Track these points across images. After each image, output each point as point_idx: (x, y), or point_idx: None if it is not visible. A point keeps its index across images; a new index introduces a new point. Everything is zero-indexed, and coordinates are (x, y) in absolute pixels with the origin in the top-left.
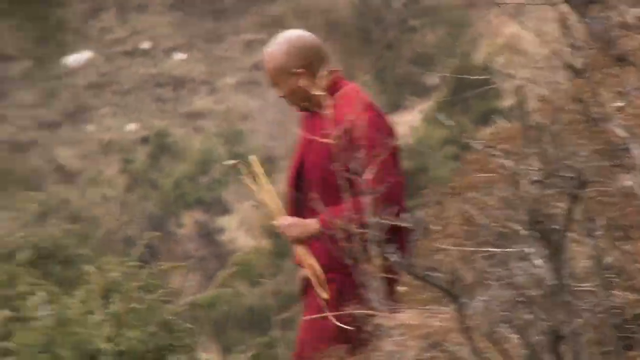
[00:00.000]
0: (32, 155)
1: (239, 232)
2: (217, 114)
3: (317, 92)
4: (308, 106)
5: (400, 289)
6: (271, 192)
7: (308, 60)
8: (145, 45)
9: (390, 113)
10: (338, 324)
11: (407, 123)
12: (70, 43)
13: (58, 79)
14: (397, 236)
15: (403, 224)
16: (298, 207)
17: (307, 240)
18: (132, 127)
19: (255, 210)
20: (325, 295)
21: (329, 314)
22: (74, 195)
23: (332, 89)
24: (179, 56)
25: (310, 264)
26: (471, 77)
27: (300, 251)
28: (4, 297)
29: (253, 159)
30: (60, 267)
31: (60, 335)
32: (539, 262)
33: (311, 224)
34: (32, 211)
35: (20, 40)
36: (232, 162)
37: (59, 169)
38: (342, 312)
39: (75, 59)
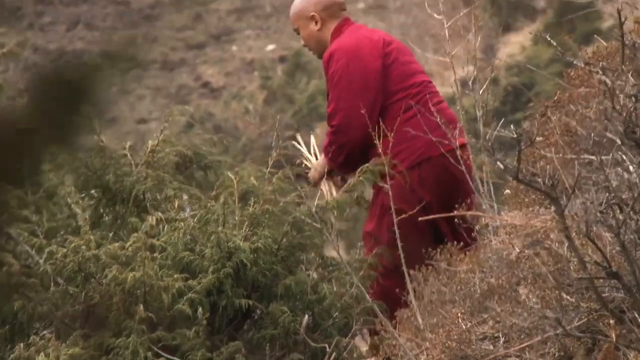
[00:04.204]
0: (181, 73)
1: None
2: None
3: (325, 35)
4: (323, 52)
5: (507, 192)
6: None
7: (320, 6)
8: None
9: (503, 34)
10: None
11: (517, 43)
12: None
13: (205, 4)
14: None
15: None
16: None
17: (329, 177)
18: (271, 47)
19: None
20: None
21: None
22: (217, 108)
23: (336, 33)
24: None
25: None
26: (575, 1)
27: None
28: (152, 200)
29: (299, 140)
30: (203, 173)
31: (202, 234)
32: (632, 168)
33: (323, 161)
34: (181, 123)
35: None
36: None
37: (205, 85)
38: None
39: None
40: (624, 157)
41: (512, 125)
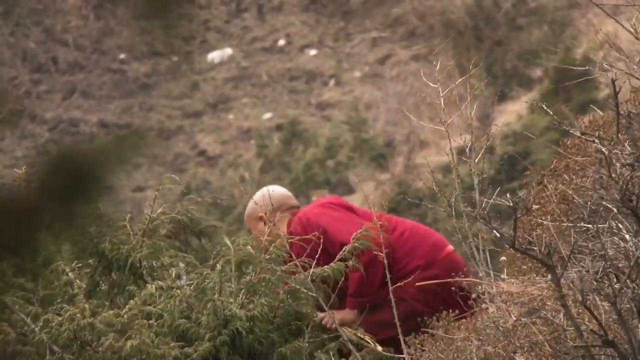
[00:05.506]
0: (178, 141)
1: None
2: (344, 104)
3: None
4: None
5: (503, 259)
6: None
7: (269, 208)
8: (281, 42)
9: (499, 103)
10: None
11: (513, 112)
12: (214, 41)
13: (202, 73)
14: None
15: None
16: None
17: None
18: (268, 116)
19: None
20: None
21: None
22: (214, 177)
23: (289, 225)
24: (311, 52)
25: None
26: (572, 69)
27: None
28: (149, 268)
29: None
30: (200, 241)
31: (198, 302)
32: (628, 236)
33: (346, 314)
34: (176, 191)
35: (169, 38)
36: None
37: (201, 154)
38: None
39: (218, 55)
40: (620, 226)
41: (507, 194)
